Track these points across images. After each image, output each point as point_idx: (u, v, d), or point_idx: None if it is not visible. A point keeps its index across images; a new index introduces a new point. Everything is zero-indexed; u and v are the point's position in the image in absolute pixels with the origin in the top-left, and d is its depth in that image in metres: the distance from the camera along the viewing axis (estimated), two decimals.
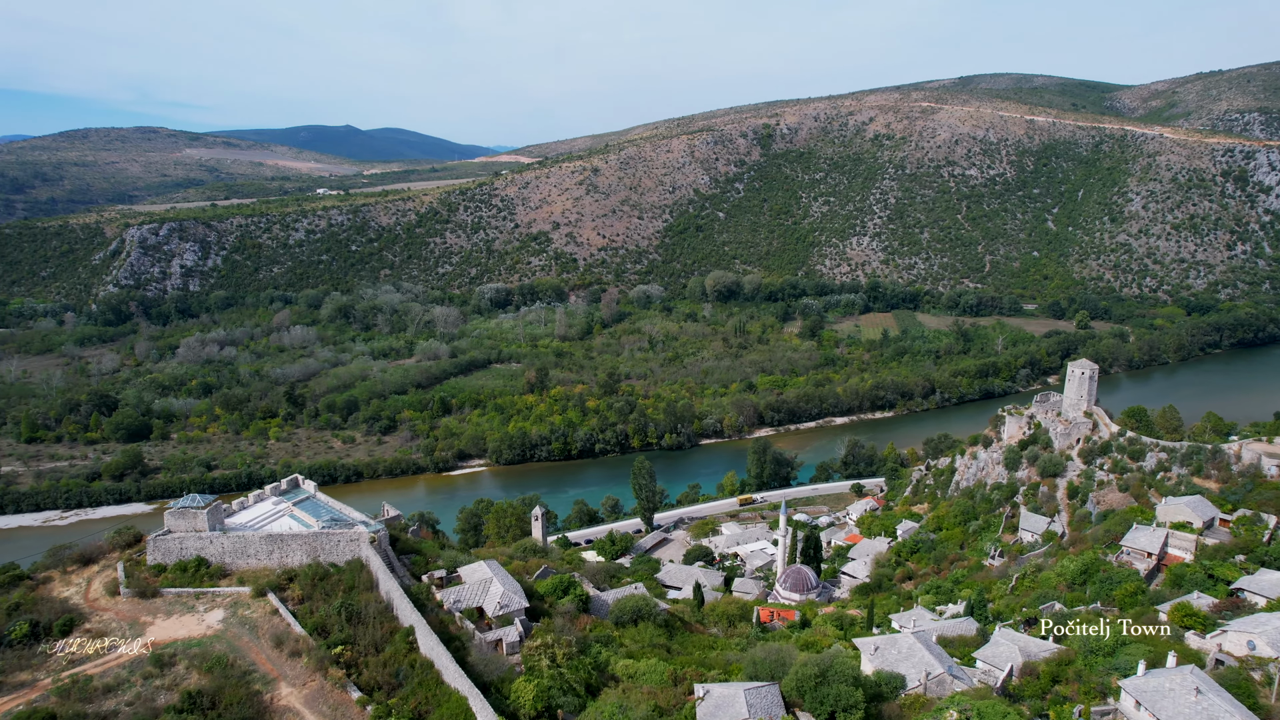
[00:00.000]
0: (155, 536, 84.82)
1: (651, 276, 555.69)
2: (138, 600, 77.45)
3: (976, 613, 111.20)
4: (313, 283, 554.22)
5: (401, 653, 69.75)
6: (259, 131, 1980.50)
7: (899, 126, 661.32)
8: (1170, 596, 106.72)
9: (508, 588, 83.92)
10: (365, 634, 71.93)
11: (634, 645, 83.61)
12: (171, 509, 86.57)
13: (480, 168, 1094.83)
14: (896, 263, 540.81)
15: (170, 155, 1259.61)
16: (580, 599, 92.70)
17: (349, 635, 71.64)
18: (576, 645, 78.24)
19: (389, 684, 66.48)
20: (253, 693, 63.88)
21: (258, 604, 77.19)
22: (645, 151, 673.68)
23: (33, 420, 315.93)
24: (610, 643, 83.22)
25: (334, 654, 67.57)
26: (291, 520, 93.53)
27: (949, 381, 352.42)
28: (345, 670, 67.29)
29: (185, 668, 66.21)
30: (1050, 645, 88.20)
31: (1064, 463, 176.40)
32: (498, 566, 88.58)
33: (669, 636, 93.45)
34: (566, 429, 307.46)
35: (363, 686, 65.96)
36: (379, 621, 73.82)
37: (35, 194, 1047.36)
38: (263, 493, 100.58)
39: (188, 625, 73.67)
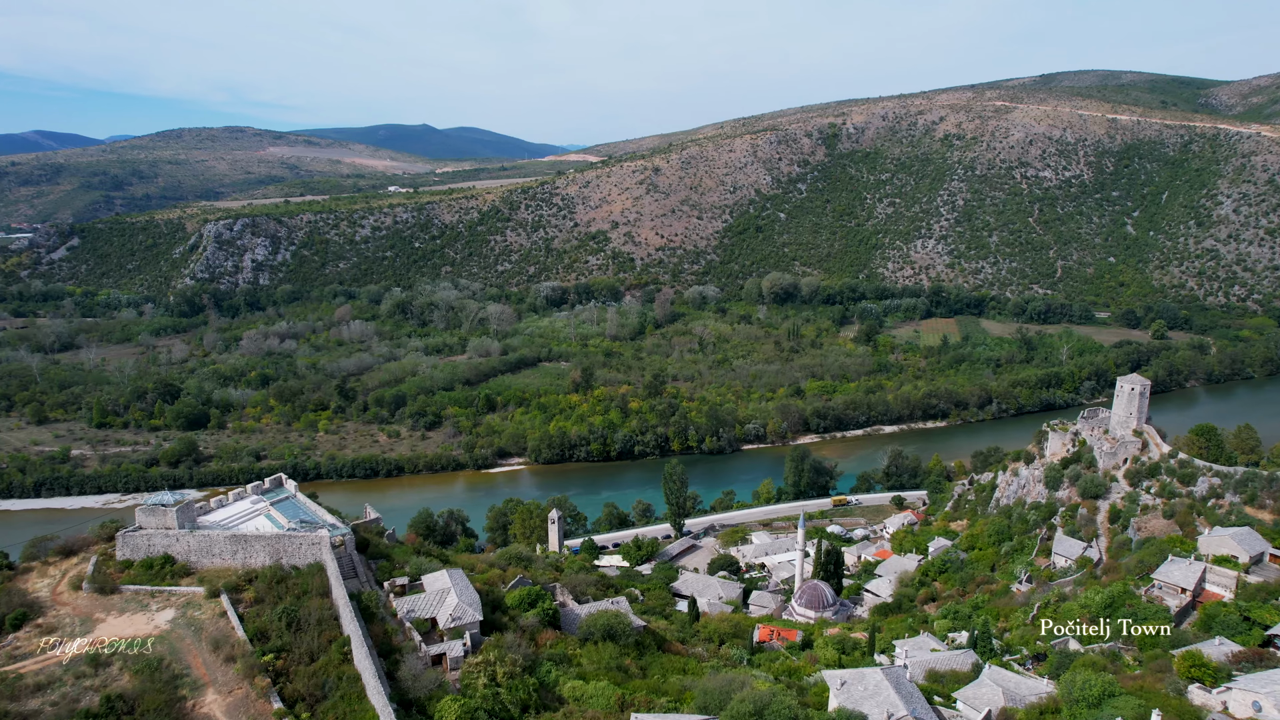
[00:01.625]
0: (124, 533, 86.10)
1: (708, 277, 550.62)
2: (96, 596, 78.54)
3: (980, 644, 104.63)
4: (376, 278, 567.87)
5: (334, 663, 68.67)
6: (339, 130, 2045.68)
7: (970, 126, 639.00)
8: (1195, 639, 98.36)
9: (463, 599, 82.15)
10: (302, 642, 71.13)
11: (591, 665, 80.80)
12: (143, 505, 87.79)
13: (548, 166, 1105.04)
14: (962, 266, 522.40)
15: (254, 153, 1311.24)
16: (547, 613, 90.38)
17: (286, 642, 70.96)
18: (524, 663, 75.94)
19: (314, 696, 65.41)
20: (176, 698, 63.62)
21: (210, 605, 77.37)
22: (707, 151, 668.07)
23: (103, 406, 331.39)
24: (565, 661, 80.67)
25: (263, 662, 66.79)
26: (267, 520, 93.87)
27: (1007, 392, 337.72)
28: (274, 679, 66.47)
29: (119, 669, 66.47)
30: (1042, 688, 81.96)
31: (1107, 484, 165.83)
32: (460, 576, 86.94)
33: (639, 656, 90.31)
34: (606, 430, 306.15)
35: (288, 697, 65.08)
36: (320, 629, 72.92)
37: (132, 191, 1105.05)
38: (244, 491, 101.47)
39: (136, 624, 74.19)
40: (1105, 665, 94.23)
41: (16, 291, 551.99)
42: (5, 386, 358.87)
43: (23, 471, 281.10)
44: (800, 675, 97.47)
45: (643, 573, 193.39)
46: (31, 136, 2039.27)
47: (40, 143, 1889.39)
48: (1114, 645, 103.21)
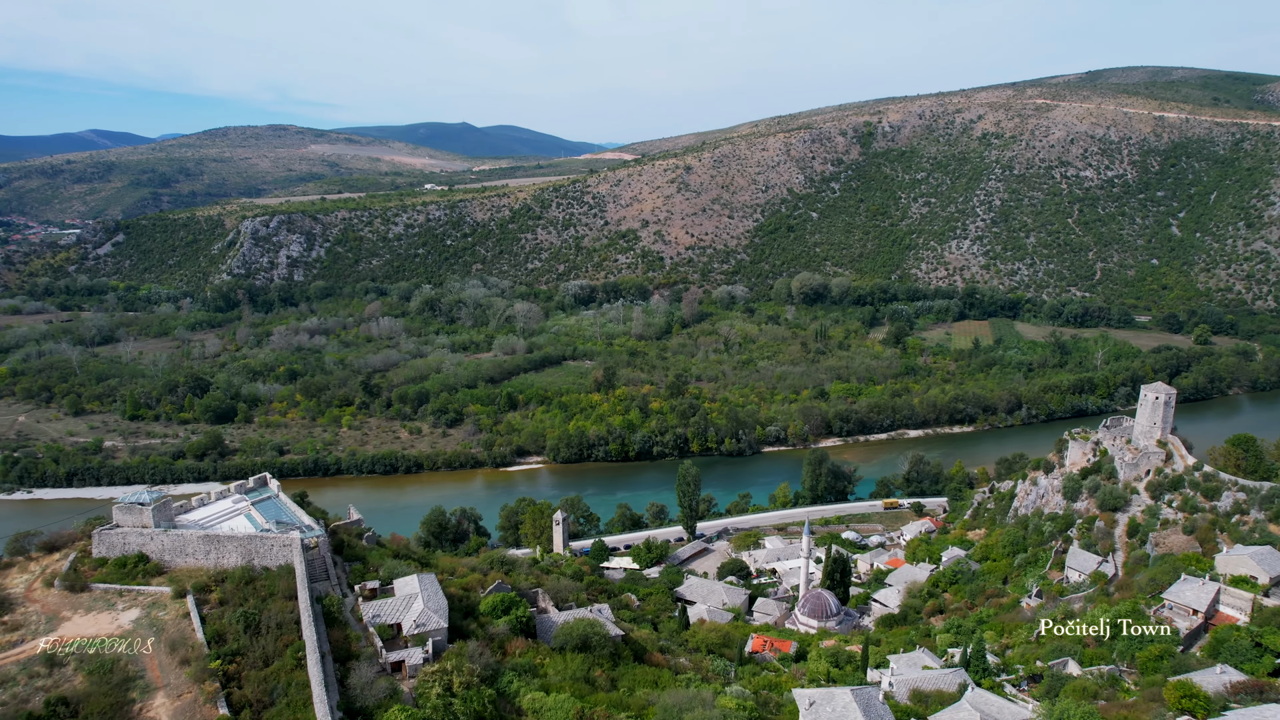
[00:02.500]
0: (100, 530, 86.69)
1: (738, 277, 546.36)
2: (66, 594, 79.09)
3: (974, 663, 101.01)
4: (408, 275, 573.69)
5: (287, 669, 68.08)
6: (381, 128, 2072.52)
7: (1009, 125, 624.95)
8: (1199, 665, 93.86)
9: (429, 605, 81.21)
10: (258, 646, 70.70)
11: (557, 676, 79.35)
12: (119, 503, 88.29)
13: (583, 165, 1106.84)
14: (998, 268, 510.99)
15: (296, 151, 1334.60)
16: (520, 620, 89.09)
17: (242, 646, 70.58)
18: (485, 673, 74.68)
19: (262, 702, 64.88)
20: (124, 701, 63.53)
21: (174, 606, 77.43)
22: (740, 150, 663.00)
23: (136, 399, 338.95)
24: (530, 672, 79.29)
25: (213, 666, 66.46)
26: (246, 520, 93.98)
27: (1037, 397, 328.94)
28: (225, 683, 66.09)
29: (73, 669, 66.64)
30: (1024, 714, 78.50)
31: (1127, 496, 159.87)
32: (430, 581, 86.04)
33: (612, 667, 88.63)
34: (624, 430, 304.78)
35: (237, 702, 64.61)
36: (279, 633, 72.45)
37: (179, 188, 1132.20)
38: (226, 489, 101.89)
39: (100, 623, 74.50)
40: (1099, 691, 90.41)
41: (64, 286, 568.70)
42: (47, 378, 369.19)
43: (56, 461, 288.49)
44: (782, 690, 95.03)
45: (649, 576, 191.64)
46: (88, 135, 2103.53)
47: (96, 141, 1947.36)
48: (1114, 669, 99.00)
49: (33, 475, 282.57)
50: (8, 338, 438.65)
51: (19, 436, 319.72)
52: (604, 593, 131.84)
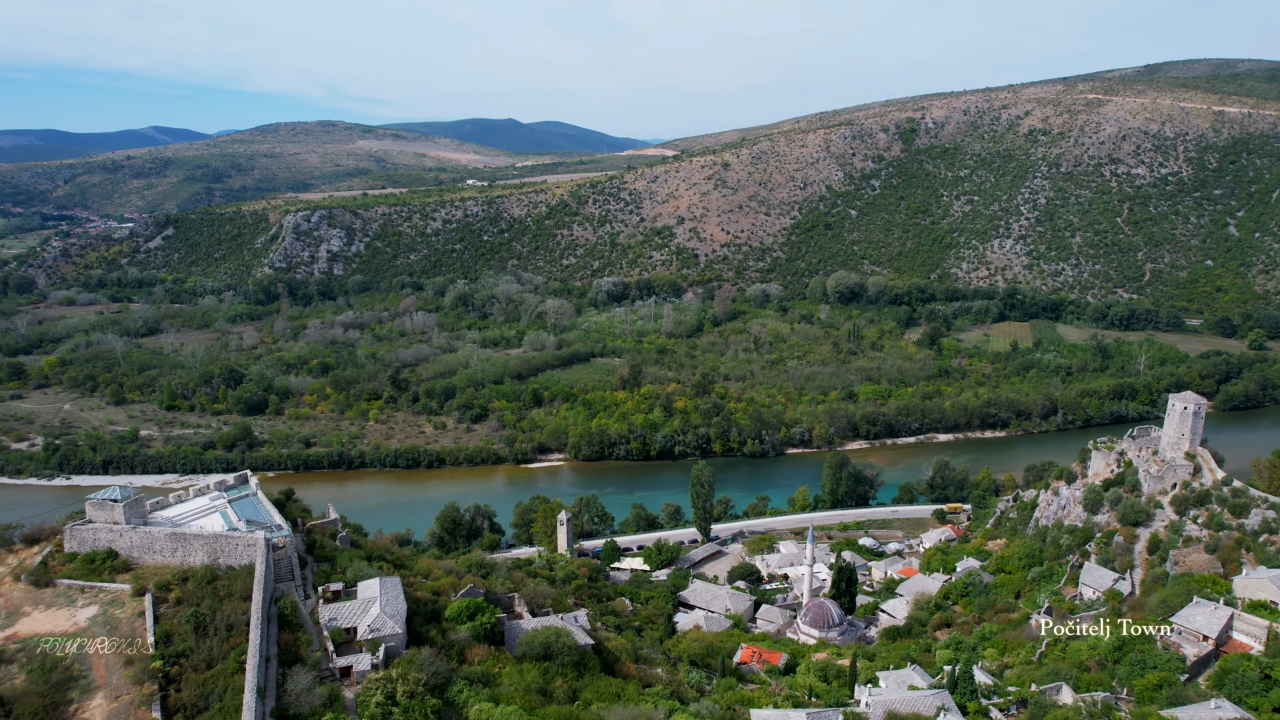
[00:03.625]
0: (72, 525, 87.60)
1: (773, 275, 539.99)
2: (31, 589, 79.98)
3: (961, 684, 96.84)
4: (445, 270, 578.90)
5: (228, 672, 67.69)
6: (428, 124, 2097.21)
7: (1058, 121, 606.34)
8: (1200, 698, 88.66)
9: (385, 610, 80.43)
10: (204, 647, 70.48)
11: (511, 686, 77.85)
12: (91, 499, 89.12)
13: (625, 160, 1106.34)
14: (1041, 268, 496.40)
15: (345, 147, 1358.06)
16: (484, 627, 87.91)
17: (188, 647, 70.42)
18: (434, 681, 73.61)
19: (196, 706, 64.54)
20: (62, 701, 63.70)
21: (132, 604, 77.76)
22: (779, 146, 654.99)
23: (173, 390, 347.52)
24: (485, 681, 77.93)
25: (153, 668, 66.33)
26: (220, 518, 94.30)
27: (1074, 402, 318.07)
28: (164, 685, 65.92)
29: (19, 667, 67.03)
30: None
31: (1150, 510, 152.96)
32: (392, 585, 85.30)
33: (577, 677, 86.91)
34: (646, 429, 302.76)
35: (173, 705, 64.38)
36: (228, 635, 72.18)
37: (230, 183, 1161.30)
38: (205, 486, 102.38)
39: (58, 620, 75.11)
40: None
41: (116, 278, 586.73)
42: (92, 368, 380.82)
43: (94, 450, 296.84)
44: (756, 704, 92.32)
45: (658, 578, 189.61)
46: (148, 132, 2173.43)
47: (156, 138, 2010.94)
48: (1110, 696, 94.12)
49: (71, 462, 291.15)
50: (59, 328, 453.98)
51: (63, 424, 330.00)
52: (594, 597, 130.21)
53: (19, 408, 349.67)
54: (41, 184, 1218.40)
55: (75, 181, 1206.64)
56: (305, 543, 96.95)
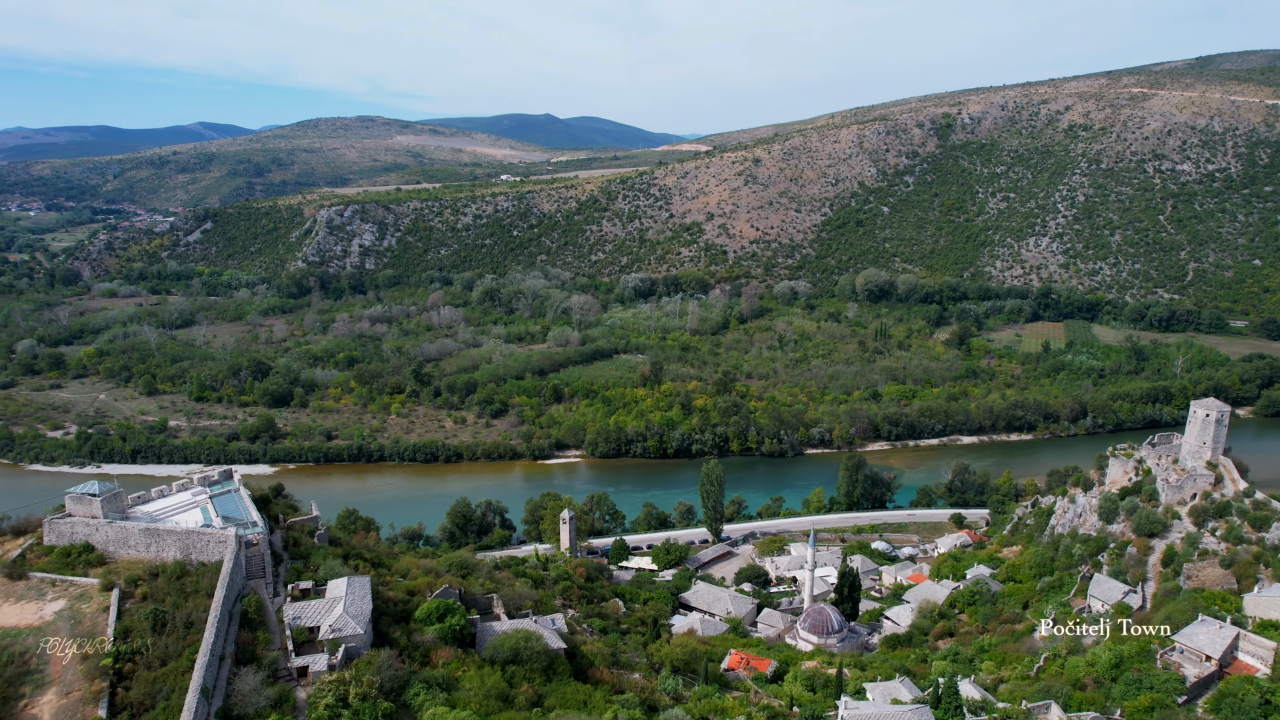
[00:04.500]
0: (50, 519, 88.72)
1: (802, 272, 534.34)
2: (4, 581, 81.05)
3: (945, 700, 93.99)
4: (474, 265, 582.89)
5: (180, 670, 67.76)
6: (466, 120, 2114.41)
7: (1099, 116, 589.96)
8: None
9: (349, 610, 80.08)
10: (160, 645, 70.69)
11: (469, 692, 77.08)
12: (71, 492, 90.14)
13: (660, 156, 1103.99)
14: (1078, 267, 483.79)
15: (383, 142, 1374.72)
16: (452, 629, 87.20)
17: (144, 644, 70.70)
18: (392, 684, 73.10)
19: (144, 704, 64.69)
20: (12, 697, 64.26)
21: (100, 598, 78.35)
22: (811, 142, 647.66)
23: (202, 381, 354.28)
24: (445, 685, 77.22)
25: (104, 665, 66.69)
26: (200, 514, 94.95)
27: (1105, 405, 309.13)
28: (115, 682, 66.21)
29: None
30: None
31: (1167, 521, 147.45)
32: (360, 584, 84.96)
33: (545, 682, 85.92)
34: (664, 427, 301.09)
35: (121, 703, 64.61)
36: (186, 632, 72.36)
37: (271, 177, 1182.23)
38: (189, 481, 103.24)
39: (24, 613, 75.94)
40: None
41: (156, 271, 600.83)
42: (127, 359, 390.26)
43: (124, 439, 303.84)
44: (730, 715, 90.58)
45: (663, 578, 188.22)
46: (195, 128, 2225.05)
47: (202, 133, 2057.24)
48: (1100, 717, 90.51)
49: (102, 451, 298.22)
50: (99, 320, 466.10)
51: (97, 413, 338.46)
52: (586, 599, 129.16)
53: (57, 397, 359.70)
54: (92, 179, 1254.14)
55: (124, 176, 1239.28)
56: (284, 540, 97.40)
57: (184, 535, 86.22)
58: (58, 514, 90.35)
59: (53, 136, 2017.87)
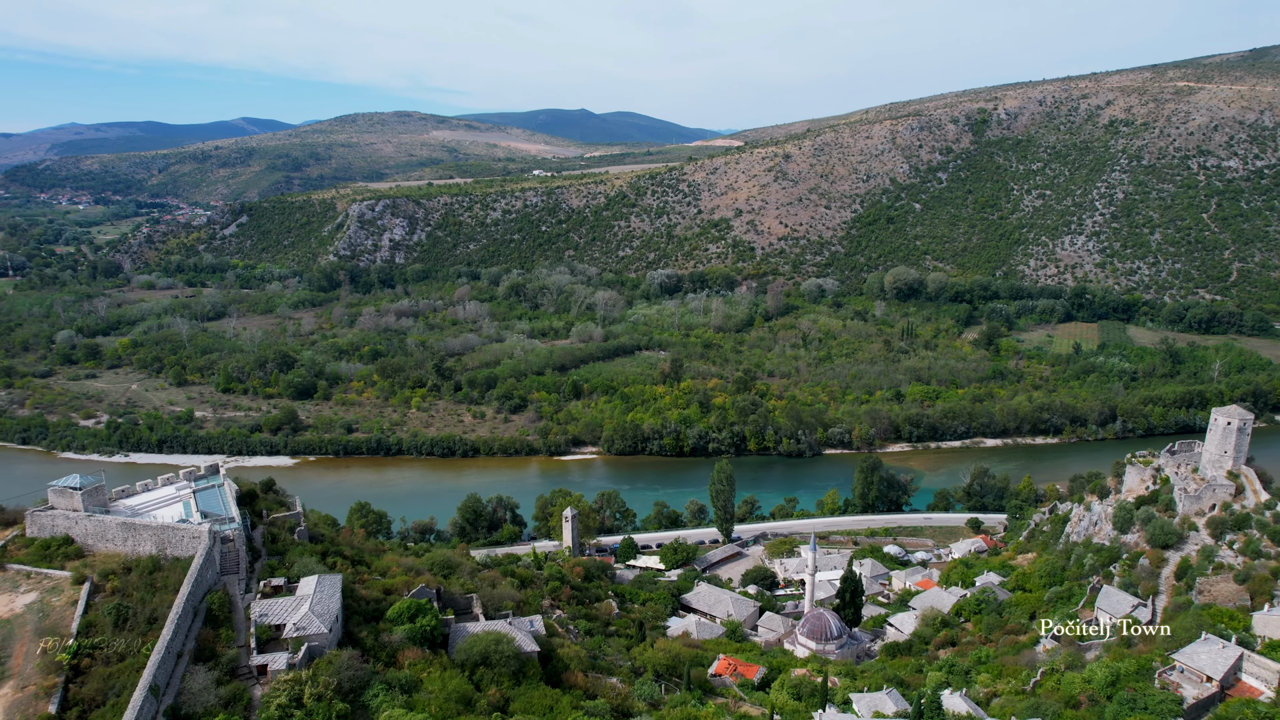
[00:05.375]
0: (33, 511, 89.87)
1: (831, 269, 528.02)
2: None
3: (927, 715, 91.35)
4: (503, 260, 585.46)
5: (136, 667, 67.97)
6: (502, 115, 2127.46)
7: (1142, 111, 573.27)
8: None
9: (314, 608, 79.89)
10: (120, 640, 71.05)
11: (431, 695, 76.45)
12: (53, 485, 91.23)
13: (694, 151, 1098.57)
14: (1115, 266, 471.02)
15: (419, 137, 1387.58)
16: (422, 630, 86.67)
17: (104, 639, 71.12)
18: (351, 685, 72.74)
19: (95, 700, 64.96)
20: None
21: (71, 591, 79.02)
22: (843, 137, 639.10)
23: (229, 373, 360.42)
24: (406, 687, 76.66)
25: (59, 659, 67.14)
26: (182, 509, 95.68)
27: (1135, 409, 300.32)
28: (72, 677, 66.63)
29: None
30: None
31: (1183, 533, 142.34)
32: (329, 583, 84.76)
33: (514, 685, 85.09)
34: (680, 424, 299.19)
35: (73, 699, 64.93)
36: (146, 628, 72.70)
37: (309, 171, 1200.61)
38: (174, 476, 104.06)
39: None
40: None
41: (193, 264, 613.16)
42: (159, 350, 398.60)
43: (151, 429, 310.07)
44: None
45: (668, 578, 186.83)
46: (238, 123, 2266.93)
47: (245, 128, 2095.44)
48: None
49: (130, 440, 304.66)
50: (135, 311, 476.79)
51: (128, 403, 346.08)
52: (578, 600, 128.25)
53: (91, 386, 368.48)
54: (138, 173, 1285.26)
55: (168, 171, 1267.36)
56: (264, 536, 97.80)
57: (159, 530, 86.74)
58: (40, 506, 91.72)
59: (103, 132, 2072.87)
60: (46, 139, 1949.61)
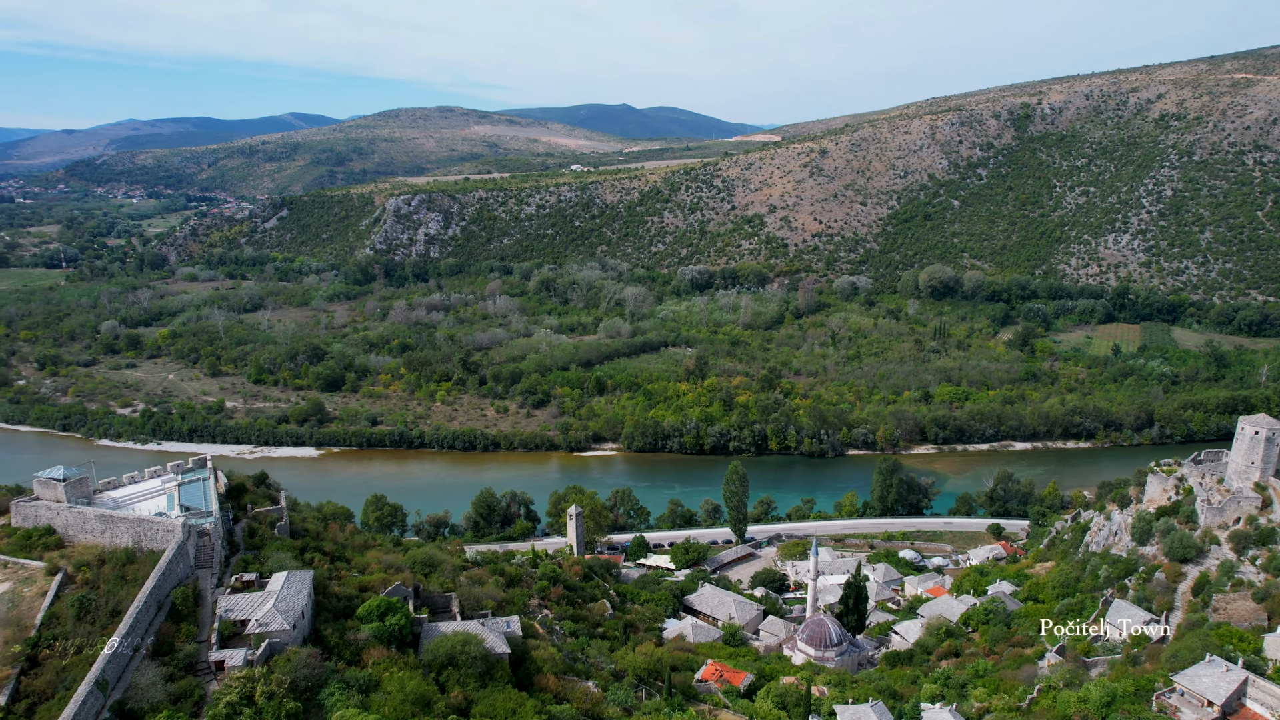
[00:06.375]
0: (18, 501, 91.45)
1: (865, 267, 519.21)
2: None
3: None
4: (536, 255, 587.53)
5: (90, 660, 68.52)
6: (544, 110, 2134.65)
7: (1195, 104, 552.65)
8: None
9: (278, 604, 79.75)
10: (80, 632, 71.69)
11: (387, 697, 75.87)
12: (38, 476, 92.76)
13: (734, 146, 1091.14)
14: (1160, 266, 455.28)
15: (460, 132, 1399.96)
16: (395, 628, 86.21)
17: (65, 631, 71.84)
18: (307, 683, 72.47)
19: (45, 694, 65.52)
20: None
21: (43, 582, 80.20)
22: (881, 132, 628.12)
23: (260, 364, 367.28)
24: (365, 687, 76.20)
25: (14, 651, 67.90)
26: (165, 501, 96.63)
27: (1174, 414, 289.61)
28: (26, 669, 67.37)
29: None
30: None
31: (1204, 546, 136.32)
32: (299, 579, 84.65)
33: (479, 687, 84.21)
34: (701, 422, 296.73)
35: (25, 691, 65.60)
36: (108, 621, 73.29)
37: (351, 166, 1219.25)
38: (161, 469, 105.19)
39: None
40: None
41: (234, 256, 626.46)
42: (196, 341, 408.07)
43: (183, 419, 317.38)
44: None
45: (675, 578, 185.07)
46: (286, 118, 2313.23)
47: (293, 123, 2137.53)
48: None
49: (163, 429, 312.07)
50: (176, 303, 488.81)
51: (164, 393, 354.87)
52: (568, 600, 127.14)
53: (131, 376, 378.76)
54: (189, 168, 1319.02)
55: (217, 165, 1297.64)
56: (245, 531, 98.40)
57: (135, 523, 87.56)
58: (25, 496, 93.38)
59: (159, 128, 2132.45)
60: (106, 135, 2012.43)
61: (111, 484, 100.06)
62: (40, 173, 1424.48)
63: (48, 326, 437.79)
